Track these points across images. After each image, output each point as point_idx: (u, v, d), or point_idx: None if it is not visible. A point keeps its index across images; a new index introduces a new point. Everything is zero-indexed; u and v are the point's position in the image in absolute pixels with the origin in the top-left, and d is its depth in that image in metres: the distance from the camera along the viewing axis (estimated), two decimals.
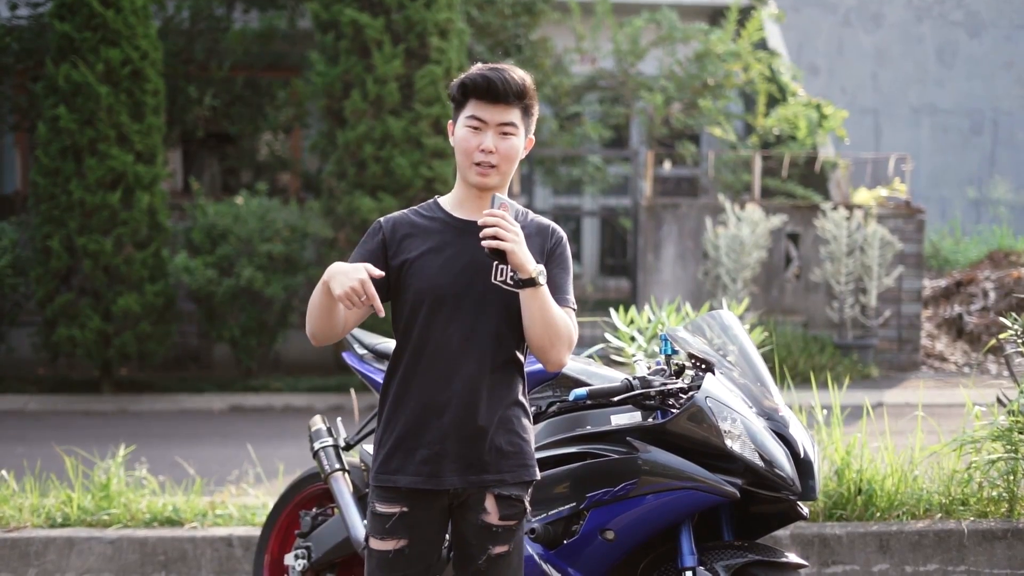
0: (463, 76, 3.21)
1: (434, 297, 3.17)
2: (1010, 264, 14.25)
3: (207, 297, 11.06)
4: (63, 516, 5.51)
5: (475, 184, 3.20)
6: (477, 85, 3.16)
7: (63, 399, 10.77)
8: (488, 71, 3.17)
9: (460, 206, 3.26)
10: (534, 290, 3.07)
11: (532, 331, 3.12)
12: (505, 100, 3.16)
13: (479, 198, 3.23)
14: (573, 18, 14.29)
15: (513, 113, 3.18)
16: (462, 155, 3.19)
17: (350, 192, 10.87)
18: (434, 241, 3.21)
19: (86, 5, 10.48)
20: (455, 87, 3.22)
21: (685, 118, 13.99)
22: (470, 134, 3.17)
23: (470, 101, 3.18)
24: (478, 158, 3.16)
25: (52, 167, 10.59)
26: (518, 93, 3.17)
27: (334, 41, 11.04)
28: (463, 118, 3.19)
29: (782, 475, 3.43)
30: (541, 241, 3.26)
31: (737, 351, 3.79)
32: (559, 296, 3.19)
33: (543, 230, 3.29)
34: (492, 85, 3.14)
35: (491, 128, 3.16)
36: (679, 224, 12.30)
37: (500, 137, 3.17)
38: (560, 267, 3.27)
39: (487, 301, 3.17)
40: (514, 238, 3.02)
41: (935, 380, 11.24)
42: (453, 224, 3.23)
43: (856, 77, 19.36)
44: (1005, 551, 4.88)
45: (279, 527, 4.62)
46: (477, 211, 3.18)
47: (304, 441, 4.70)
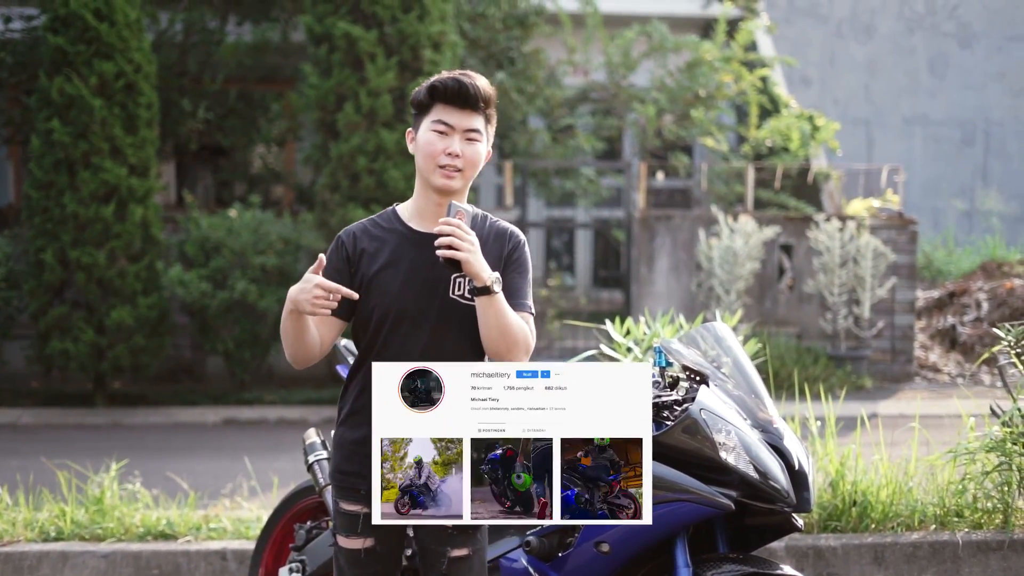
0: (432, 80, 3.26)
1: (395, 312, 3.24)
2: (1003, 275, 14.27)
3: (201, 310, 11.05)
4: (57, 530, 5.50)
5: (439, 187, 3.23)
6: (448, 88, 3.20)
7: (56, 412, 10.75)
8: (459, 75, 3.22)
9: (419, 216, 3.30)
10: (489, 298, 3.12)
11: (488, 338, 3.19)
12: (473, 106, 3.21)
13: (438, 206, 3.26)
14: (565, 31, 14.33)
15: (478, 120, 3.24)
16: (426, 159, 3.22)
17: (344, 204, 10.87)
18: (392, 255, 3.26)
19: (80, 18, 10.48)
20: (423, 91, 3.26)
21: (677, 129, 14.02)
22: (436, 138, 3.21)
23: (436, 105, 3.23)
24: (444, 161, 3.20)
25: (45, 180, 10.58)
26: (485, 100, 3.24)
27: (327, 54, 11.05)
28: (428, 122, 3.23)
29: (777, 487, 3.44)
30: (499, 247, 3.30)
31: (731, 363, 3.80)
32: (516, 301, 3.26)
33: (501, 235, 3.33)
34: (463, 89, 3.19)
35: (458, 133, 3.21)
36: (672, 236, 12.31)
37: (466, 143, 3.22)
38: (518, 272, 3.32)
39: (446, 315, 3.24)
40: (469, 247, 3.06)
41: (929, 391, 11.25)
42: (411, 237, 3.28)
43: (848, 88, 19.42)
44: (1000, 563, 4.88)
45: (273, 540, 4.61)
46: (436, 221, 3.20)
47: (298, 454, 4.70)
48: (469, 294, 3.20)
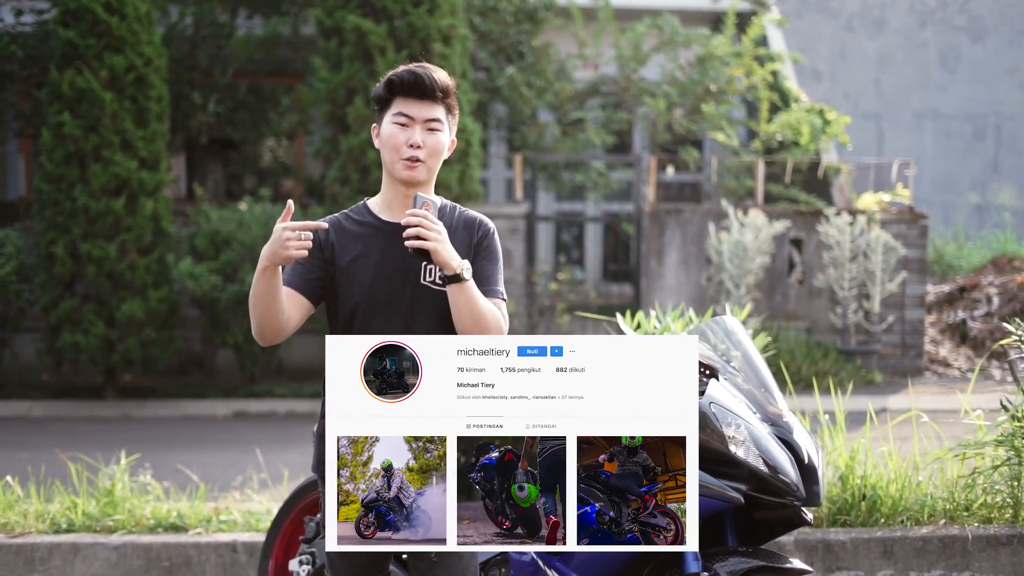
0: (390, 74, 3.31)
1: (368, 302, 3.25)
2: (1013, 269, 14.23)
3: (211, 303, 11.07)
4: (68, 522, 5.52)
5: (403, 179, 3.27)
6: (404, 81, 3.26)
7: (67, 405, 10.78)
8: (415, 67, 3.28)
9: (388, 208, 3.34)
10: (459, 285, 3.12)
11: (461, 325, 3.15)
12: (432, 96, 3.26)
13: (406, 197, 3.30)
14: (575, 24, 14.31)
15: (438, 110, 3.29)
16: (390, 151, 3.27)
17: (353, 198, 10.87)
18: (364, 246, 3.29)
19: (90, 12, 10.50)
20: (381, 86, 3.32)
21: (688, 123, 13.99)
22: (398, 130, 3.26)
23: (396, 99, 3.28)
24: (406, 153, 3.25)
25: (56, 173, 10.60)
26: (443, 90, 3.29)
27: (337, 47, 11.05)
28: (389, 116, 3.28)
29: (786, 481, 3.43)
30: (468, 236, 3.33)
31: (741, 357, 3.80)
32: (488, 288, 3.27)
33: (470, 224, 3.36)
34: (419, 80, 3.25)
35: (418, 124, 3.26)
36: (682, 230, 12.30)
37: (427, 133, 3.27)
38: (488, 259, 3.33)
39: (419, 303, 3.25)
40: (436, 236, 3.08)
41: (939, 386, 11.23)
42: (382, 228, 3.31)
43: (859, 82, 19.37)
44: (1010, 557, 4.88)
45: (283, 533, 4.62)
46: (404, 212, 3.24)
47: (308, 447, 4.70)
48: (440, 281, 3.21)
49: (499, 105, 14.31)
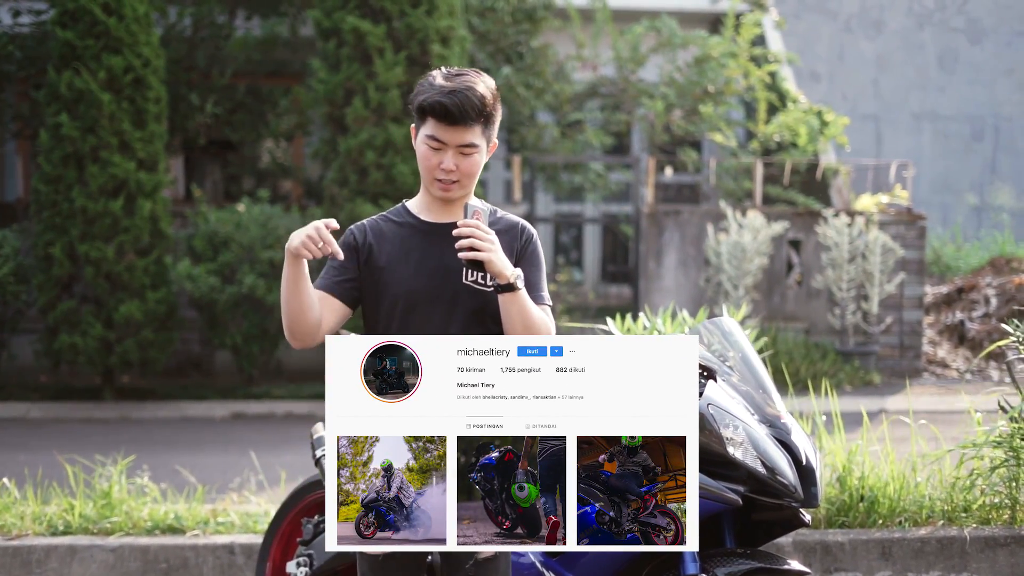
0: (421, 97, 3.14)
1: (407, 301, 3.19)
2: (1012, 270, 14.24)
3: (209, 304, 11.06)
4: (65, 524, 5.51)
5: (438, 198, 3.23)
6: (435, 110, 3.10)
7: (65, 407, 10.77)
8: (446, 96, 3.09)
9: (427, 210, 3.29)
10: (512, 294, 3.05)
11: (512, 333, 3.08)
12: (463, 122, 3.11)
13: (444, 202, 3.25)
14: (573, 26, 14.31)
15: (473, 133, 3.14)
16: (424, 170, 3.20)
17: (352, 199, 10.87)
18: (404, 246, 3.24)
19: (88, 13, 10.49)
20: (414, 104, 3.17)
21: (686, 125, 14.00)
22: (430, 152, 3.15)
23: (429, 120, 3.14)
24: (439, 175, 3.16)
25: (54, 174, 10.59)
26: (478, 112, 3.12)
27: (336, 48, 11.05)
28: (423, 135, 3.16)
29: (784, 482, 3.43)
30: (510, 240, 3.26)
31: (739, 358, 3.79)
32: (535, 294, 3.21)
33: (512, 229, 3.29)
34: (449, 112, 3.09)
35: (451, 148, 3.14)
36: (681, 231, 12.30)
37: (461, 156, 3.15)
38: (533, 265, 3.28)
39: (458, 302, 3.18)
40: (490, 247, 3.00)
41: (937, 387, 11.23)
42: (421, 228, 3.26)
43: (857, 84, 19.38)
44: (1008, 558, 4.88)
45: (281, 535, 4.61)
46: (444, 214, 3.23)
47: (306, 448, 4.70)
48: (490, 287, 3.14)
49: None
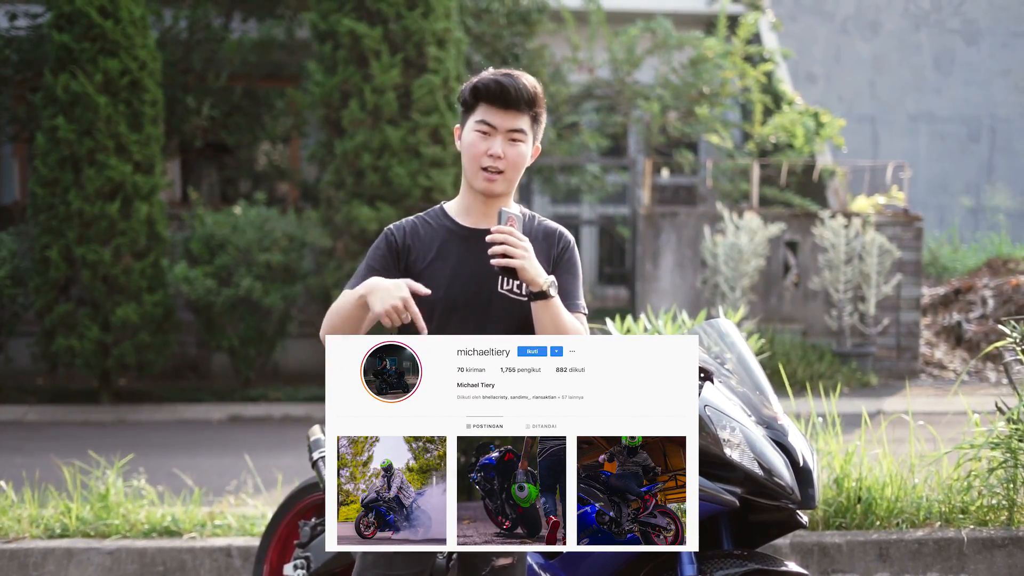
0: (475, 80, 3.19)
1: (444, 306, 3.17)
2: (1008, 271, 14.25)
3: (206, 307, 11.05)
4: (62, 527, 5.50)
5: (481, 190, 3.19)
6: (490, 90, 3.14)
7: (62, 409, 10.76)
8: (501, 76, 3.15)
9: (466, 214, 3.26)
10: (546, 302, 3.05)
11: None
12: (516, 107, 3.14)
13: (485, 204, 3.22)
14: (568, 28, 14.31)
15: (523, 120, 3.17)
16: (469, 159, 3.18)
17: (348, 201, 10.87)
18: (441, 250, 3.21)
19: (85, 16, 10.48)
20: (467, 90, 3.19)
21: (682, 126, 14.00)
22: (479, 139, 3.16)
23: (480, 105, 3.16)
24: (486, 163, 3.15)
25: (51, 177, 10.58)
26: (529, 100, 3.16)
27: (332, 51, 11.05)
28: (472, 122, 3.18)
29: (781, 484, 3.43)
30: (548, 247, 3.25)
31: (735, 359, 3.79)
32: (570, 302, 3.20)
33: (550, 235, 3.28)
34: (504, 91, 3.13)
35: (500, 134, 3.15)
36: (677, 232, 12.30)
37: (509, 143, 3.16)
38: (569, 273, 3.26)
39: (494, 308, 3.18)
40: (523, 254, 3.00)
41: (934, 388, 11.24)
42: (459, 232, 3.24)
43: (854, 85, 19.39)
44: (1005, 559, 4.88)
45: (278, 537, 4.61)
46: (483, 218, 3.20)
47: (303, 451, 4.69)
48: (518, 291, 3.15)
49: None
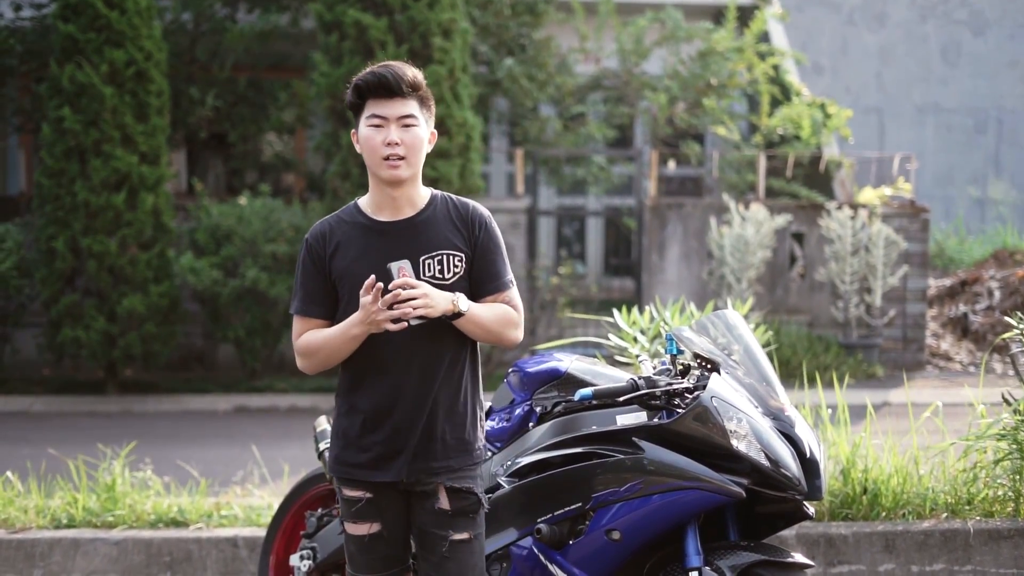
0: (355, 79, 3.33)
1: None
2: (1015, 263, 14.22)
3: (212, 298, 11.06)
4: (68, 517, 5.51)
5: (388, 179, 3.29)
6: (371, 84, 3.28)
7: (68, 400, 10.78)
8: (378, 68, 3.30)
9: (378, 209, 3.36)
10: (463, 318, 3.21)
11: (479, 339, 3.31)
12: (400, 93, 3.27)
13: (393, 199, 3.32)
14: (576, 18, 14.27)
15: (411, 105, 3.29)
16: (370, 154, 3.29)
17: (354, 193, 10.85)
18: (360, 247, 3.31)
19: (90, 6, 10.48)
20: (350, 92, 3.33)
21: (689, 118, 13.97)
22: (374, 132, 3.27)
23: (367, 102, 3.30)
24: (385, 152, 3.25)
25: (56, 168, 10.59)
26: (411, 84, 3.29)
27: (337, 42, 11.03)
28: (364, 120, 3.30)
29: (788, 475, 3.42)
30: (466, 230, 3.35)
31: (742, 350, 3.78)
32: (497, 283, 3.33)
33: (464, 218, 3.37)
34: (385, 80, 3.26)
35: (392, 122, 3.27)
36: (683, 224, 12.28)
37: (403, 129, 3.27)
38: (491, 251, 3.36)
39: None
40: (426, 302, 3.12)
41: (940, 379, 11.22)
42: (374, 228, 3.33)
43: (860, 76, 19.33)
44: (1011, 551, 4.87)
45: (284, 528, 4.62)
46: (395, 212, 3.31)
47: (309, 442, 4.70)
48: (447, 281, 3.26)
49: (500, 99, 14.28)
